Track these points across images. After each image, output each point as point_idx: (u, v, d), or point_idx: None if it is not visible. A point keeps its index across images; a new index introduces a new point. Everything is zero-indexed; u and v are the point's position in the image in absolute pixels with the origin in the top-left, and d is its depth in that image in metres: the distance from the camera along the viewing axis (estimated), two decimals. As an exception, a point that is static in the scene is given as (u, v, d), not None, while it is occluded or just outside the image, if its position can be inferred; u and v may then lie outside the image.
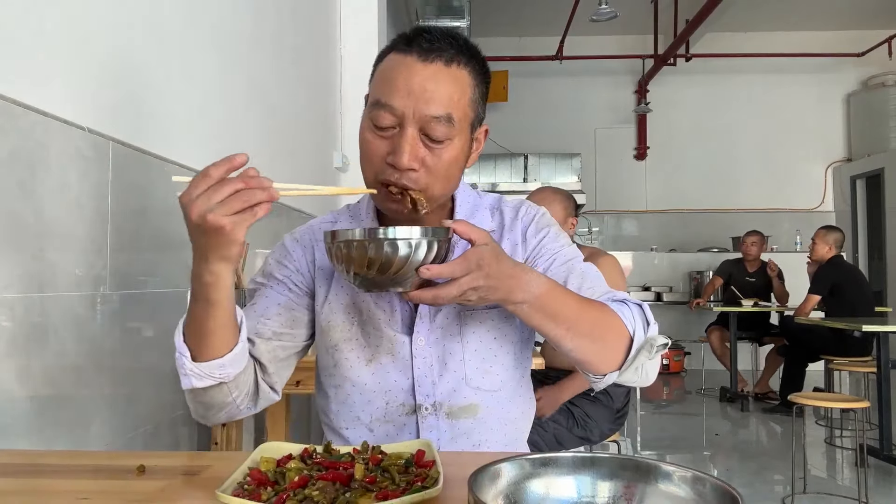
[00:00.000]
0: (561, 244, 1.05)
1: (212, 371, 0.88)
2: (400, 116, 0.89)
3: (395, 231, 0.79)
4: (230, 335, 0.88)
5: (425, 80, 0.89)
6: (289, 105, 2.96)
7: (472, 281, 0.80)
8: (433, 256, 0.81)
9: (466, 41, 0.95)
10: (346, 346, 1.04)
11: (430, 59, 0.89)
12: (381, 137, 0.91)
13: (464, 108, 0.93)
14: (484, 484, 0.58)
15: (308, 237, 1.09)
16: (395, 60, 0.91)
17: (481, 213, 1.08)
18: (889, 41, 7.55)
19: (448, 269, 0.80)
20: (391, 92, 0.89)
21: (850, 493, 3.20)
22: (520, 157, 7.13)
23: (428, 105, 0.89)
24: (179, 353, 0.88)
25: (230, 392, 0.93)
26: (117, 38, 1.53)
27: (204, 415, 0.97)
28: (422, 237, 0.80)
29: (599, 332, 0.91)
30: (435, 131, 0.90)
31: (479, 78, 0.96)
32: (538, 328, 0.89)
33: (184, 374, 0.88)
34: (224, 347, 0.88)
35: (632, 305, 0.96)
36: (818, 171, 8.22)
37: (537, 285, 0.86)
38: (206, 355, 0.87)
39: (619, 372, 0.93)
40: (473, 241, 0.82)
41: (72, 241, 1.33)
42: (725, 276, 5.88)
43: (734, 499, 0.53)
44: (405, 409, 1.02)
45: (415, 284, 0.82)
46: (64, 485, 0.77)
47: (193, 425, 1.90)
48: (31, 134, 1.21)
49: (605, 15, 5.92)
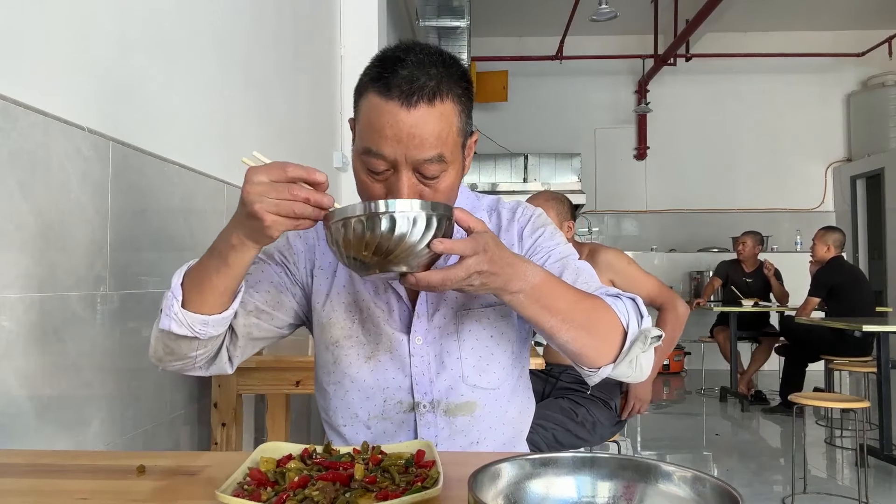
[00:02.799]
0: (556, 242, 1.06)
1: (194, 324, 0.90)
2: (392, 163, 0.89)
3: (394, 204, 0.76)
4: (226, 299, 0.91)
5: (412, 126, 0.87)
6: (289, 105, 2.96)
7: (477, 264, 0.80)
8: (435, 233, 0.78)
9: (443, 58, 0.91)
10: (347, 343, 1.05)
11: (412, 103, 0.86)
12: (377, 181, 0.92)
13: (453, 140, 0.91)
14: (484, 484, 0.58)
15: (312, 236, 1.11)
16: (378, 107, 0.88)
17: (479, 214, 1.09)
18: (889, 41, 7.56)
19: (460, 246, 0.79)
20: (380, 141, 0.88)
21: (850, 493, 3.20)
22: (520, 157, 7.13)
23: (419, 150, 0.88)
24: (172, 294, 0.90)
25: (197, 348, 0.95)
26: (117, 39, 1.53)
27: (161, 358, 0.98)
28: (424, 210, 0.77)
29: (593, 324, 0.91)
30: (428, 171, 0.89)
31: (465, 98, 0.93)
32: (533, 319, 0.89)
33: (166, 315, 0.90)
34: (216, 308, 0.91)
35: (625, 299, 0.96)
36: (818, 171, 8.22)
37: (534, 275, 0.86)
38: (196, 307, 0.90)
39: (613, 365, 0.93)
40: (472, 228, 0.83)
41: (72, 241, 1.33)
42: (723, 276, 5.89)
43: (734, 499, 0.53)
44: (403, 407, 1.04)
45: (420, 265, 0.80)
46: (64, 485, 0.77)
47: (193, 425, 1.90)
48: (31, 134, 1.21)
49: (605, 15, 5.92)
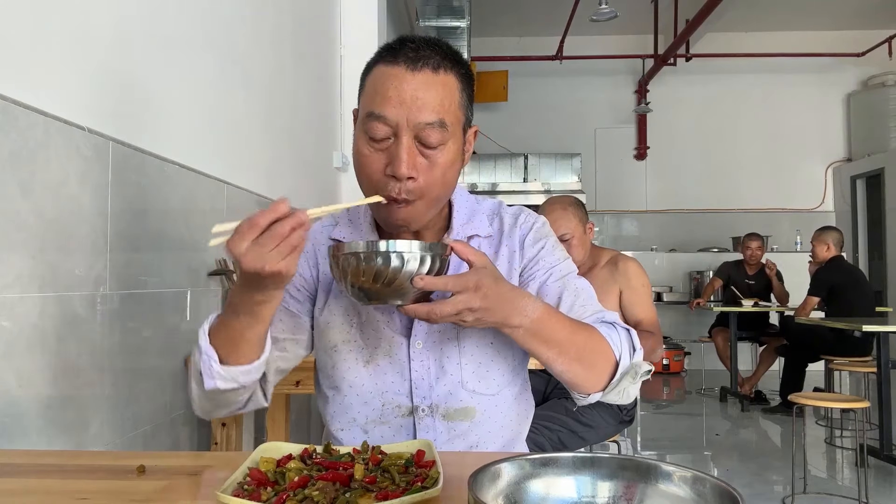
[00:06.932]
0: (557, 257, 1.06)
1: (237, 376, 0.91)
2: (394, 126, 0.90)
3: (394, 244, 0.81)
4: (262, 345, 0.92)
5: (416, 88, 0.90)
6: (289, 105, 2.96)
7: (468, 301, 0.82)
8: (426, 270, 0.82)
9: (449, 46, 0.96)
10: (345, 348, 1.05)
11: (417, 68, 0.90)
12: (377, 150, 0.92)
13: (455, 112, 0.94)
14: (484, 484, 0.58)
15: (310, 243, 1.10)
16: (384, 72, 0.92)
17: (479, 218, 1.08)
18: (889, 41, 7.55)
19: (441, 282, 0.82)
20: (383, 103, 0.90)
21: (850, 493, 3.20)
22: (520, 157, 7.12)
23: (421, 112, 0.90)
24: (207, 356, 0.90)
25: (242, 394, 0.97)
26: (117, 39, 1.53)
27: (209, 411, 1.00)
28: (417, 250, 0.81)
29: (588, 357, 0.94)
30: (430, 137, 0.91)
31: (465, 82, 0.97)
32: (531, 350, 0.92)
33: (208, 377, 0.90)
34: (253, 355, 0.92)
35: (620, 330, 0.99)
36: (818, 171, 8.22)
37: (533, 310, 0.88)
38: (235, 361, 0.91)
39: (602, 393, 0.97)
40: (471, 262, 0.84)
41: (72, 241, 1.33)
42: (725, 277, 5.87)
43: (734, 499, 0.53)
44: (402, 411, 1.03)
45: (412, 299, 0.84)
46: (64, 485, 0.77)
47: (193, 425, 1.90)
48: (31, 134, 1.21)
49: (605, 15, 5.91)
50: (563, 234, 2.24)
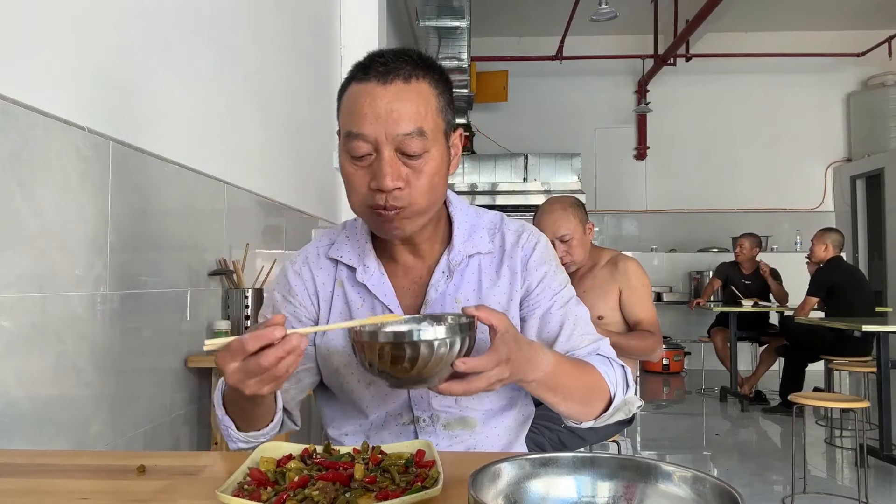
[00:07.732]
0: (560, 282, 1.08)
1: (256, 438, 0.98)
2: (373, 142, 0.90)
3: (420, 332, 0.79)
4: (271, 410, 0.97)
5: (389, 101, 0.90)
6: (289, 105, 2.96)
7: (500, 373, 0.83)
8: (457, 349, 0.81)
9: (420, 54, 0.96)
10: (347, 371, 1.05)
11: (389, 81, 0.90)
12: (361, 168, 0.93)
13: (433, 119, 0.93)
14: (484, 484, 0.58)
15: (307, 267, 1.09)
16: (357, 90, 0.92)
17: (479, 233, 1.07)
18: (889, 41, 7.55)
19: (483, 363, 0.81)
20: (360, 121, 0.91)
21: (850, 493, 3.20)
22: (520, 157, 7.12)
23: (398, 124, 0.90)
24: (225, 426, 0.97)
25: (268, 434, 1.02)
26: (117, 39, 1.53)
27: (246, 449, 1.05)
28: (449, 335, 0.79)
29: (588, 398, 1.00)
30: (410, 147, 0.90)
31: (442, 86, 0.96)
32: (539, 397, 0.95)
33: (231, 441, 0.98)
34: (266, 419, 0.98)
35: (616, 366, 1.03)
36: (818, 171, 8.22)
37: (546, 364, 0.91)
38: (250, 428, 0.97)
39: (594, 422, 1.03)
40: (494, 326, 0.84)
41: (72, 241, 1.33)
42: (722, 277, 5.88)
43: (734, 499, 0.53)
44: (403, 420, 1.05)
45: (442, 378, 0.83)
46: (64, 485, 0.77)
47: (193, 425, 1.90)
48: (31, 134, 1.21)
49: (605, 15, 5.91)
50: (563, 235, 2.24)
